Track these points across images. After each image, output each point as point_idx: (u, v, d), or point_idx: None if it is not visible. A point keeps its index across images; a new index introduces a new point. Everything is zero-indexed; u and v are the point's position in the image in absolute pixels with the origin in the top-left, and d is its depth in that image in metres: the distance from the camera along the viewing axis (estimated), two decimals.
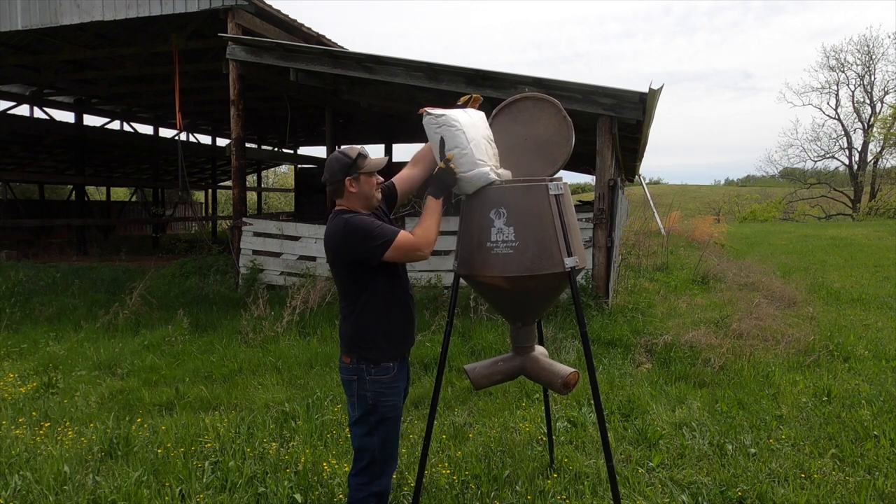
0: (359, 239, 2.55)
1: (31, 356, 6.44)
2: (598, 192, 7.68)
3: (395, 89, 9.06)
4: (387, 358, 2.67)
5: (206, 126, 22.05)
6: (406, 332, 2.77)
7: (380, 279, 2.65)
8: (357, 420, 2.67)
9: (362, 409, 2.65)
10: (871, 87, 34.43)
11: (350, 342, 2.68)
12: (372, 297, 2.65)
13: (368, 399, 2.64)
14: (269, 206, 37.73)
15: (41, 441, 4.20)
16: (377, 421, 2.66)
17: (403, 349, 2.76)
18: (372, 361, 2.64)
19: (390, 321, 2.69)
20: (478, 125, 2.89)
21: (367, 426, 2.66)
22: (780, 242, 16.85)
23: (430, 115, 2.81)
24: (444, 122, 2.78)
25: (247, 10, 9.45)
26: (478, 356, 5.84)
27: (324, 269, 8.88)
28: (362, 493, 2.68)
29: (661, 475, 3.65)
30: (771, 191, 42.79)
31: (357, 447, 2.70)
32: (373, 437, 2.66)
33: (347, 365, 2.69)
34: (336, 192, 2.68)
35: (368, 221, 2.60)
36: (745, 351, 5.96)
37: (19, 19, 10.39)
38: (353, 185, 2.66)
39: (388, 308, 2.69)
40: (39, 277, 10.33)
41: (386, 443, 2.70)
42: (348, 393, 2.71)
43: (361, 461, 2.69)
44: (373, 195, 2.72)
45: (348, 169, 2.64)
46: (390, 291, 2.70)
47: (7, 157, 20.36)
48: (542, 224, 2.81)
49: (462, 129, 2.78)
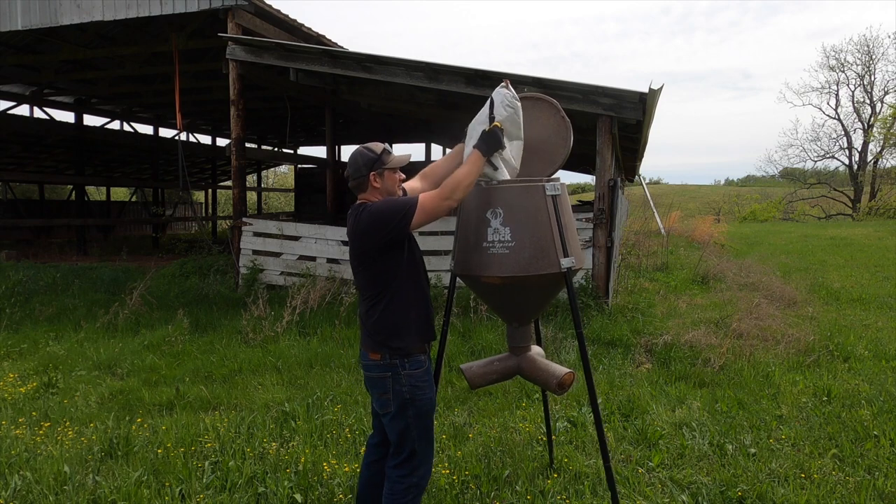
0: (386, 214, 2.57)
1: (31, 356, 6.44)
2: (598, 192, 7.68)
3: (394, 89, 9.06)
4: (417, 350, 2.68)
5: (206, 126, 22.06)
6: (431, 324, 2.79)
7: (407, 268, 2.67)
8: (394, 415, 2.66)
9: (398, 403, 2.65)
10: (871, 87, 34.42)
11: (379, 336, 2.65)
12: (402, 287, 2.66)
13: (405, 394, 2.64)
14: (269, 206, 37.73)
15: (41, 441, 4.20)
16: (415, 414, 2.67)
17: (429, 340, 2.78)
18: (405, 355, 2.64)
19: (419, 312, 2.70)
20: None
21: (404, 420, 2.66)
22: (780, 242, 16.85)
23: (510, 91, 2.82)
24: (517, 108, 2.83)
25: (247, 10, 9.45)
26: (477, 356, 5.84)
27: (324, 269, 8.88)
28: (402, 484, 2.69)
29: (661, 475, 3.65)
30: (771, 191, 42.80)
31: (396, 441, 2.70)
32: (411, 431, 2.67)
33: (378, 362, 2.66)
34: (359, 186, 2.69)
35: (390, 199, 2.65)
36: (745, 351, 5.95)
37: (19, 19, 10.39)
38: (376, 181, 2.68)
39: (416, 298, 2.70)
40: (39, 277, 10.32)
41: (424, 435, 2.71)
42: (379, 390, 2.68)
43: (401, 454, 2.70)
44: (395, 191, 2.73)
45: (373, 164, 2.66)
46: (416, 282, 2.72)
47: (7, 157, 20.36)
48: (538, 224, 2.81)
49: (521, 127, 2.88)
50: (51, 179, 22.66)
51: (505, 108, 2.80)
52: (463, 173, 2.65)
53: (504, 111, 2.80)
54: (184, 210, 26.69)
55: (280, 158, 21.60)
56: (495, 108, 2.80)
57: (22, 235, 20.16)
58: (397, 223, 2.56)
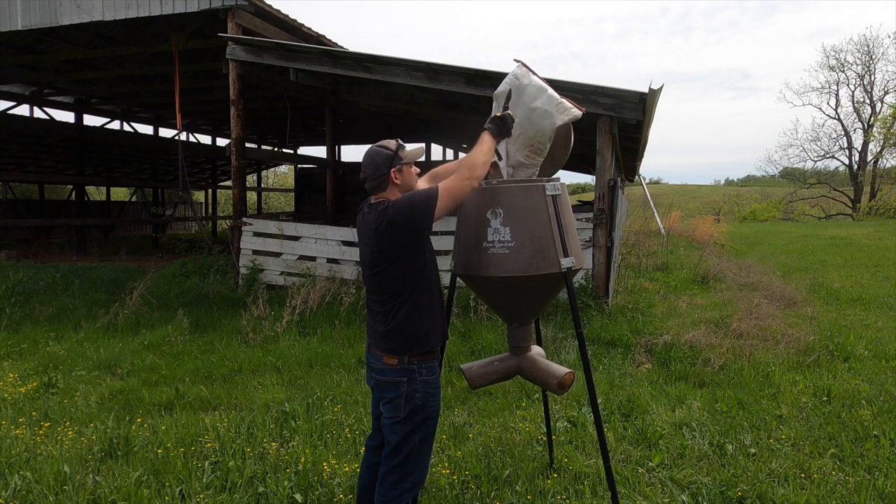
0: (411, 208, 2.53)
1: (31, 356, 6.44)
2: (598, 192, 7.68)
3: (395, 89, 9.06)
4: (434, 353, 2.68)
5: (206, 126, 22.04)
6: (446, 329, 2.79)
7: (428, 269, 2.65)
8: (402, 420, 2.64)
9: (409, 408, 2.63)
10: (871, 87, 34.41)
11: (398, 340, 2.62)
12: (424, 289, 2.64)
13: (417, 399, 2.63)
14: (269, 206, 37.72)
15: (41, 441, 4.20)
16: (422, 419, 2.66)
17: (444, 340, 2.77)
18: (423, 358, 2.64)
19: (438, 315, 2.70)
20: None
21: (411, 424, 2.65)
22: (780, 242, 16.85)
23: (518, 70, 2.83)
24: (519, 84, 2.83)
25: (247, 10, 9.45)
26: (477, 356, 5.84)
27: (324, 269, 8.88)
28: (397, 490, 2.68)
29: (661, 475, 3.65)
30: (771, 191, 42.80)
31: (396, 445, 2.67)
32: (414, 434, 2.66)
33: (394, 367, 2.63)
34: (379, 185, 2.65)
35: (411, 193, 2.61)
36: (745, 351, 5.95)
37: (19, 19, 10.39)
38: (397, 177, 2.65)
39: (436, 301, 2.70)
40: (39, 277, 10.32)
41: (425, 440, 2.71)
42: (391, 394, 2.65)
43: (397, 457, 2.67)
44: (414, 185, 2.71)
45: (391, 160, 2.64)
46: (436, 284, 2.71)
47: (7, 157, 20.35)
48: (538, 224, 2.81)
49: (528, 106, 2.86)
50: (51, 179, 22.66)
51: (506, 83, 2.83)
52: (477, 152, 2.66)
53: (502, 86, 2.85)
54: (184, 210, 26.68)
55: (280, 158, 21.60)
56: (500, 94, 2.87)
57: (22, 235, 20.16)
58: (423, 212, 2.52)
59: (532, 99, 2.83)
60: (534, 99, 2.82)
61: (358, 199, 3.80)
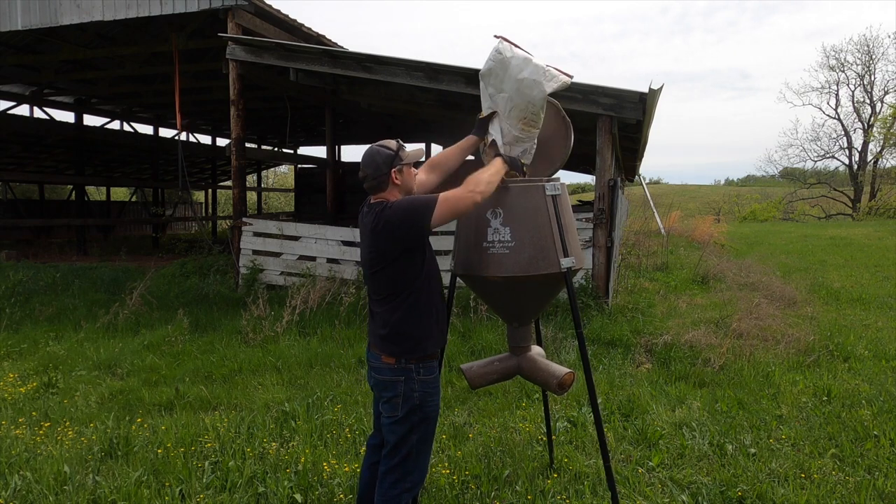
0: (410, 211, 2.53)
1: (31, 356, 6.44)
2: (598, 192, 7.68)
3: (395, 89, 9.06)
4: (433, 354, 2.68)
5: (206, 126, 22.05)
6: (446, 329, 2.78)
7: (428, 270, 2.65)
8: (400, 419, 2.64)
9: (407, 408, 2.63)
10: (871, 87, 34.43)
11: (396, 340, 2.62)
12: (423, 290, 2.63)
13: (415, 399, 2.63)
14: (269, 206, 37.72)
15: (41, 441, 4.20)
16: (420, 419, 2.66)
17: (442, 345, 2.77)
18: (421, 360, 2.63)
19: (437, 316, 2.69)
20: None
21: (409, 424, 2.65)
22: (780, 242, 16.85)
23: (505, 44, 2.80)
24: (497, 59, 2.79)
25: (247, 10, 9.45)
26: (477, 356, 5.84)
27: (324, 269, 8.88)
28: (396, 489, 2.68)
29: (661, 475, 3.65)
30: (771, 191, 42.80)
31: (394, 444, 2.68)
32: (413, 434, 2.66)
33: (391, 366, 2.63)
34: (379, 185, 2.64)
35: (412, 196, 2.64)
36: (745, 351, 5.95)
37: (19, 19, 10.39)
38: (397, 177, 2.64)
39: (435, 302, 2.69)
40: (39, 277, 10.32)
41: (424, 440, 2.70)
42: (389, 393, 2.65)
43: (396, 457, 2.67)
44: (413, 186, 2.71)
45: (392, 161, 2.63)
46: (436, 285, 2.71)
47: (7, 157, 20.35)
48: (538, 224, 2.81)
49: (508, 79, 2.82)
50: (51, 179, 22.66)
51: (490, 60, 2.83)
52: (485, 171, 2.71)
53: (486, 65, 2.85)
54: (184, 210, 26.68)
55: (280, 158, 21.60)
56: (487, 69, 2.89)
57: (22, 235, 20.16)
58: (420, 218, 2.52)
59: (518, 71, 2.78)
60: (520, 70, 2.78)
61: (358, 199, 3.79)
